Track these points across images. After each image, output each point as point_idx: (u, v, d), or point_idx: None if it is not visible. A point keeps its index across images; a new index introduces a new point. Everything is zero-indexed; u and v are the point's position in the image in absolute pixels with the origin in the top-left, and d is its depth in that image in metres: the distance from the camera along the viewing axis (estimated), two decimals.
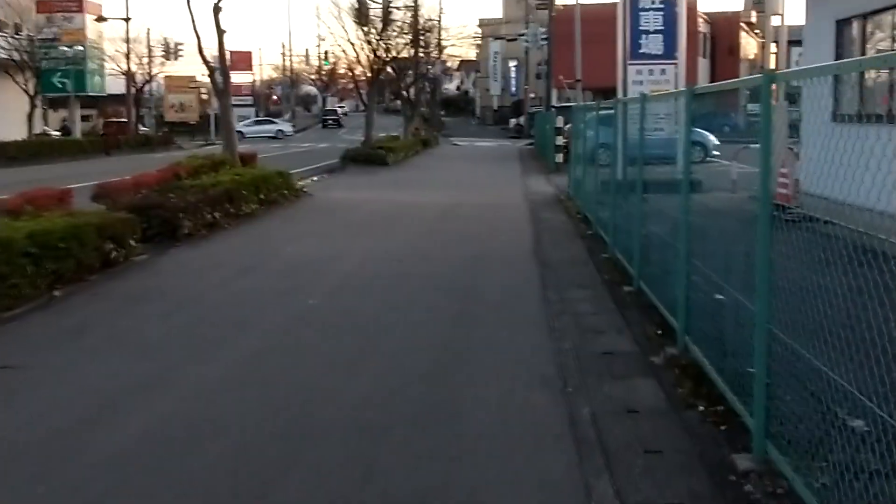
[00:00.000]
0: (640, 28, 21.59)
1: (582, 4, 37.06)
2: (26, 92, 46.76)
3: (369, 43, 34.76)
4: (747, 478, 4.86)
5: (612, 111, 14.16)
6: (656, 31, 21.71)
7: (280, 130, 75.20)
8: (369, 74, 35.37)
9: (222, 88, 19.54)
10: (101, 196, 13.79)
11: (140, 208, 12.39)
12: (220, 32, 19.17)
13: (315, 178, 28.64)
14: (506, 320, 8.45)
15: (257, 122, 77.75)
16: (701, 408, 6.05)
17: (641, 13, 21.64)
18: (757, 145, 9.63)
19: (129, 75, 57.87)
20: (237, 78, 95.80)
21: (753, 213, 6.91)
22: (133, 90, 60.16)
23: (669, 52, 21.87)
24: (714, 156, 30.86)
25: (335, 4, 36.30)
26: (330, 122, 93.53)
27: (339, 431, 5.44)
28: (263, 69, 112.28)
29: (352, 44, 35.43)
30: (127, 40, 56.81)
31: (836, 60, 14.78)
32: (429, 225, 15.78)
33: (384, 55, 35.00)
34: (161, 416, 5.69)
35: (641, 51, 21.70)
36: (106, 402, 5.97)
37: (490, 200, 20.67)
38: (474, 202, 20.14)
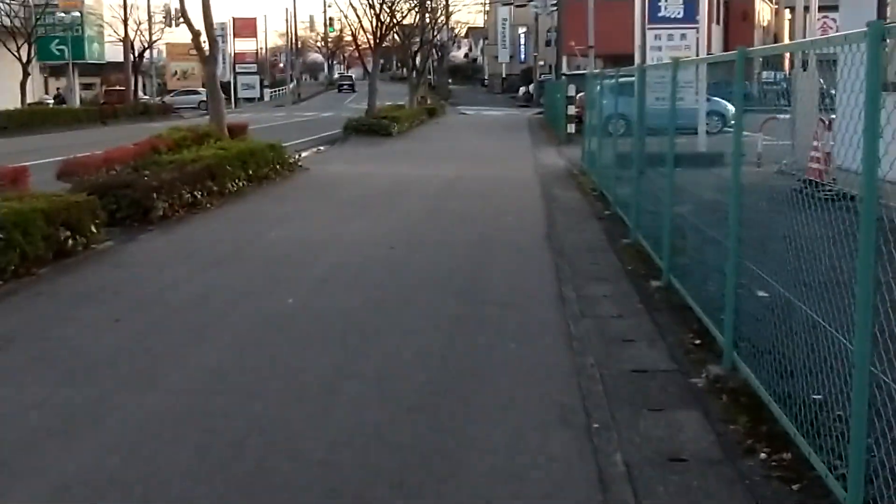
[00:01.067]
0: None
1: None
2: (19, 59, 45.29)
3: (372, 7, 33.27)
4: None
5: (632, 78, 12.81)
6: None
7: (203, 101, 69.35)
8: (373, 40, 33.86)
9: (208, 54, 18.12)
10: (67, 174, 12.47)
11: (107, 188, 11.07)
12: None
13: (320, 148, 27.44)
14: (516, 327, 7.15)
15: (182, 93, 71.79)
16: (763, 454, 4.77)
17: None
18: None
19: (126, 42, 56.34)
20: (241, 45, 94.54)
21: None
22: (132, 57, 58.60)
23: (690, 16, 20.46)
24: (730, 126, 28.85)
25: None
26: (345, 86, 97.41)
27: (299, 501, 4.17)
28: (269, 37, 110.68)
29: (354, 8, 33.89)
30: (124, 5, 55.24)
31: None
32: (430, 203, 14.45)
33: (388, 20, 33.48)
34: (60, 477, 4.37)
35: (660, 14, 20.30)
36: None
37: (497, 174, 19.32)
38: (480, 176, 18.81)
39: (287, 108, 70.27)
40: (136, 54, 59.12)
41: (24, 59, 45.61)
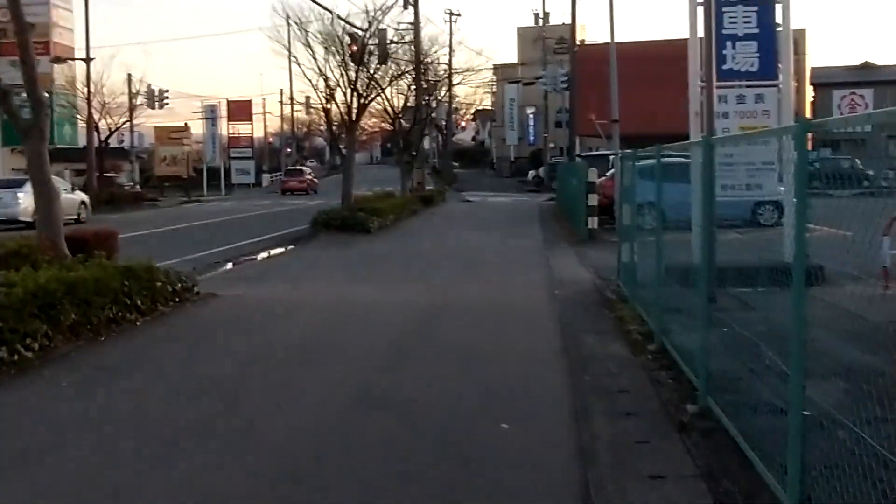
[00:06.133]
0: (724, 31, 14.10)
1: (608, 44, 29.72)
2: None
3: (346, 76, 27.36)
4: None
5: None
6: (748, 37, 14.20)
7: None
8: (347, 117, 27.93)
9: (31, 119, 11.72)
10: None
11: None
12: (22, 26, 11.37)
13: (272, 252, 21.58)
14: None
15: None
16: None
17: (726, 9, 14.12)
18: None
19: (90, 123, 50.81)
20: (236, 129, 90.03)
21: None
22: (98, 141, 53.04)
23: (768, 69, 14.36)
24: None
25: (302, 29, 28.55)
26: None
27: None
28: (272, 120, 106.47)
29: (326, 78, 27.98)
30: (88, 83, 49.75)
31: None
32: (368, 380, 8.16)
33: (364, 92, 27.57)
34: None
35: (726, 66, 14.19)
36: None
37: (495, 300, 13.06)
38: (471, 305, 12.55)
39: (279, 195, 64.98)
40: (102, 138, 53.45)
41: None
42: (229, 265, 19.07)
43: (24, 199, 30.11)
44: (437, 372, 8.34)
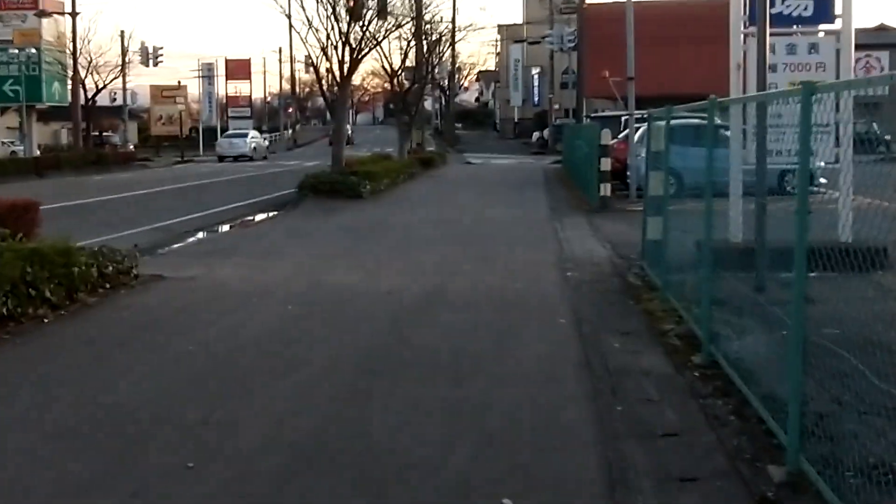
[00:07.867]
0: None
1: (622, 2, 27.15)
2: None
3: (338, 28, 25.01)
4: None
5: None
6: None
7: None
8: (339, 72, 25.63)
9: None
10: None
11: None
12: None
13: (255, 218, 19.65)
14: None
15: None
16: None
17: None
18: None
19: (76, 79, 48.48)
20: (234, 88, 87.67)
21: None
22: (84, 99, 50.72)
23: (824, 13, 12.17)
24: (819, 184, 19.70)
25: None
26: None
27: None
28: (275, 80, 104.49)
29: (315, 30, 25.68)
30: (74, 38, 47.37)
31: None
32: (330, 405, 6.08)
33: (357, 46, 25.24)
34: None
35: (775, 10, 11.95)
36: None
37: (498, 286, 10.91)
38: (467, 294, 10.41)
39: (276, 156, 62.70)
40: (89, 96, 51.09)
41: None
42: (199, 235, 17.07)
43: (250, 143, 58.14)
44: (418, 402, 6.21)
